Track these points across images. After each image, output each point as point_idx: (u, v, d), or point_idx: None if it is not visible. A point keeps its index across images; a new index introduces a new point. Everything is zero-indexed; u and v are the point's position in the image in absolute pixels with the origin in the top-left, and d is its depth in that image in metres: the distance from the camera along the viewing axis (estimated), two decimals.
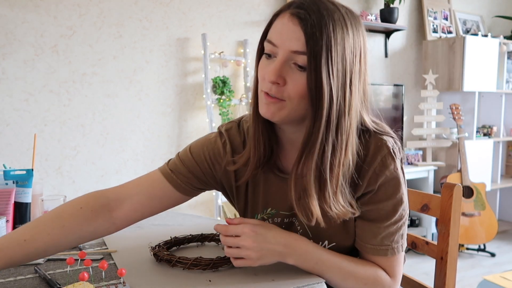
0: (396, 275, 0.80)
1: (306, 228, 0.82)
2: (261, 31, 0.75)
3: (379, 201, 0.76)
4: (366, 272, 0.78)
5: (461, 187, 0.96)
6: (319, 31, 0.65)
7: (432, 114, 3.04)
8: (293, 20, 0.67)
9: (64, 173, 2.26)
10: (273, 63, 0.69)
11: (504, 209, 3.74)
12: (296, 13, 0.67)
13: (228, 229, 0.75)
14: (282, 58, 0.68)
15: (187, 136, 2.56)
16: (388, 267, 0.79)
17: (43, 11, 2.15)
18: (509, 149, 3.75)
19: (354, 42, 0.69)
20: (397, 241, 0.78)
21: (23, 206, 0.99)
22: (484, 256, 2.95)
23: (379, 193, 0.76)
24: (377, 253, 0.78)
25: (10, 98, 2.11)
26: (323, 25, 0.65)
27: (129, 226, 0.83)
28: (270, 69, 0.69)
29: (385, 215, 0.76)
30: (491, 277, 2.55)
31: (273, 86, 0.69)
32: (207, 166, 0.84)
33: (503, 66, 3.41)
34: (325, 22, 0.65)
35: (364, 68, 0.72)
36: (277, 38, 0.69)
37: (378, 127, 0.78)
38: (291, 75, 0.69)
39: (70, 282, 0.73)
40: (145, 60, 2.41)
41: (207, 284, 0.72)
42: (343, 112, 0.69)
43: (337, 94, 0.68)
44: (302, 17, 0.66)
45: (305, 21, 0.65)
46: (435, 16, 3.39)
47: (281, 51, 0.68)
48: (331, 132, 0.68)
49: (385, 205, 0.76)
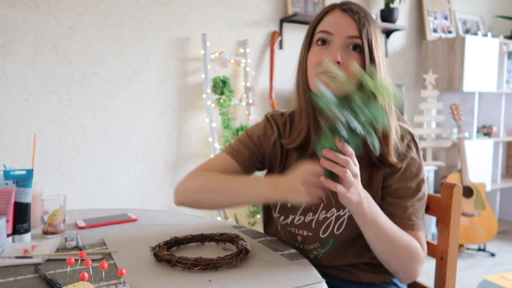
0: (425, 249, 0.91)
1: (331, 197, 0.92)
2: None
3: (406, 180, 0.89)
4: (408, 237, 0.87)
5: (461, 187, 0.96)
6: (367, 21, 0.85)
7: (432, 114, 3.04)
8: (345, 14, 0.85)
9: (64, 173, 2.26)
10: (329, 49, 0.85)
11: (504, 209, 3.74)
12: (347, 8, 0.86)
13: (350, 162, 0.75)
14: (339, 43, 0.84)
15: (187, 136, 2.56)
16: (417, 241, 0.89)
17: (43, 11, 2.15)
18: (509, 149, 3.75)
19: (382, 38, 0.89)
20: (421, 219, 0.90)
21: (23, 206, 0.99)
22: (484, 256, 2.95)
23: (406, 173, 0.89)
24: (407, 227, 0.88)
25: (10, 98, 2.11)
26: (368, 18, 0.86)
27: None
28: (332, 51, 0.84)
29: (412, 193, 0.89)
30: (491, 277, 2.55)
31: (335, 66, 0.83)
32: (259, 142, 1.00)
33: (503, 66, 3.41)
34: (368, 17, 0.86)
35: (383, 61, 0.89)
36: (333, 28, 0.85)
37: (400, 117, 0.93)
38: (348, 56, 0.84)
39: (70, 282, 0.73)
40: (145, 60, 2.41)
41: (207, 284, 0.72)
42: None
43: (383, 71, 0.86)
44: (354, 11, 0.85)
45: (356, 14, 0.85)
46: (435, 16, 3.39)
47: (337, 38, 0.85)
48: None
49: (411, 183, 0.89)
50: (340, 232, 0.91)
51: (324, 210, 0.92)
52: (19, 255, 0.87)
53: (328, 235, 0.92)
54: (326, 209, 0.92)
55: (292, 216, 0.96)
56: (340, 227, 0.90)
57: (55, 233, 1.02)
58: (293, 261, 0.84)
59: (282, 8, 2.78)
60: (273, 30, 2.75)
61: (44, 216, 1.01)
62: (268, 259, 0.84)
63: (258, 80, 2.75)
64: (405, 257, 0.87)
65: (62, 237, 1.00)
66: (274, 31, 2.74)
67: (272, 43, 2.72)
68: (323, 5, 2.89)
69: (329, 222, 0.91)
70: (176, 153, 2.53)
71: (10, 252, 0.89)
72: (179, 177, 2.54)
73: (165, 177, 2.51)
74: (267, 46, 2.75)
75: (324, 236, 0.92)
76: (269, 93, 2.72)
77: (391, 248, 0.85)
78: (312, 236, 0.93)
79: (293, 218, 0.96)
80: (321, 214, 0.92)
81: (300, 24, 2.83)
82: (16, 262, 0.83)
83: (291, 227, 0.96)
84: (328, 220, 0.91)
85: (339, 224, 0.91)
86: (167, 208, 2.53)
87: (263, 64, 2.75)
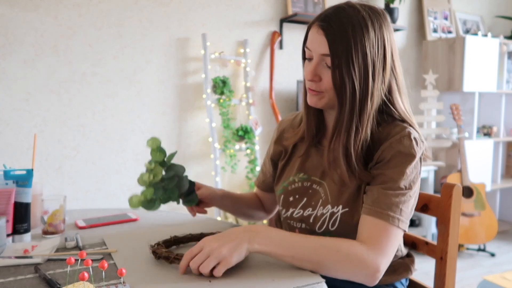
0: (381, 246, 0.80)
1: (328, 194, 0.93)
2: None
3: (387, 168, 0.85)
4: (335, 241, 0.80)
5: (461, 187, 0.96)
6: (339, 37, 0.82)
7: (432, 114, 3.04)
8: (319, 31, 0.85)
9: (64, 173, 2.26)
10: (310, 64, 0.88)
11: (504, 209, 3.74)
12: (320, 25, 0.85)
13: (190, 251, 0.77)
14: (316, 60, 0.87)
15: (187, 136, 2.56)
16: (375, 233, 0.81)
17: (43, 11, 2.15)
18: (509, 149, 3.75)
19: (376, 37, 0.84)
20: (393, 211, 0.82)
21: (23, 206, 0.99)
22: (484, 256, 2.95)
23: (389, 163, 0.86)
24: (372, 214, 0.83)
25: (10, 98, 2.11)
26: (343, 32, 0.82)
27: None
28: (308, 69, 0.88)
29: (388, 181, 0.84)
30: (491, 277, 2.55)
31: (312, 83, 0.88)
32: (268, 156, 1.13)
33: (503, 66, 3.41)
34: (344, 28, 0.82)
35: (389, 56, 0.87)
36: (311, 45, 0.87)
37: (407, 115, 0.90)
38: (324, 73, 0.87)
39: (70, 282, 0.73)
40: (145, 60, 2.41)
41: (207, 284, 0.72)
42: (366, 98, 0.84)
43: (360, 85, 0.83)
44: (325, 28, 0.84)
45: (327, 31, 0.83)
46: (435, 16, 3.39)
47: (314, 54, 0.87)
48: (355, 116, 0.85)
49: (391, 173, 0.85)
50: (335, 229, 0.91)
51: (322, 206, 0.94)
52: (19, 255, 0.87)
53: (324, 231, 0.92)
54: (323, 205, 0.93)
55: (292, 209, 0.98)
56: (334, 224, 0.91)
57: (55, 233, 1.02)
58: None
59: (282, 8, 2.78)
60: (273, 30, 2.75)
61: (44, 216, 1.01)
62: (268, 259, 0.84)
63: (258, 80, 2.75)
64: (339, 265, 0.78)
65: (62, 237, 1.00)
66: (274, 31, 2.74)
67: (272, 43, 2.72)
68: (323, 5, 2.89)
69: (324, 218, 0.92)
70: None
71: (10, 252, 0.89)
72: None
73: None
74: (267, 46, 2.75)
75: (320, 232, 0.93)
76: (269, 93, 2.72)
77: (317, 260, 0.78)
78: (309, 230, 0.95)
79: (292, 211, 0.98)
80: (319, 210, 0.94)
81: (300, 24, 2.83)
82: (16, 262, 0.83)
83: (291, 220, 0.99)
84: (323, 216, 0.93)
85: (333, 221, 0.91)
86: (167, 208, 2.53)
87: (263, 64, 2.75)
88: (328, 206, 0.92)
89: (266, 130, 2.78)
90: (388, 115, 0.90)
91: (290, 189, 1.00)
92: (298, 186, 0.99)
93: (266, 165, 1.14)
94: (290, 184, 1.00)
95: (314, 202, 0.95)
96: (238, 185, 2.72)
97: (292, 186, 1.00)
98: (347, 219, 0.90)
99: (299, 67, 2.83)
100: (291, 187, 1.00)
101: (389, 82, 0.88)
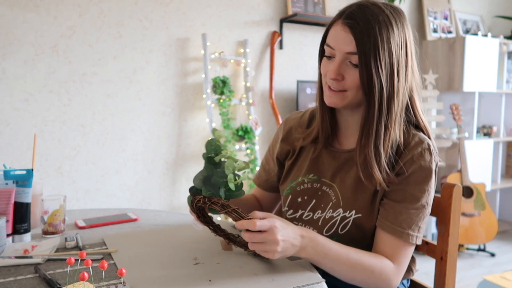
0: (401, 263, 0.86)
1: (339, 197, 0.92)
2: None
3: (408, 184, 0.85)
4: (372, 260, 0.83)
5: (461, 187, 0.96)
6: (366, 35, 0.81)
7: (432, 114, 3.04)
8: (344, 28, 0.83)
9: (64, 173, 2.26)
10: (332, 63, 0.86)
11: (504, 209, 3.74)
12: (346, 23, 0.83)
13: (258, 224, 0.73)
14: (339, 59, 0.85)
15: (187, 136, 2.56)
16: (396, 251, 0.85)
17: (43, 11, 2.15)
18: (509, 149, 3.75)
19: (399, 36, 0.84)
20: (413, 230, 0.85)
21: (23, 206, 0.99)
22: (484, 256, 2.95)
23: (410, 178, 0.85)
24: (393, 233, 0.85)
25: (10, 98, 2.11)
26: (370, 29, 0.81)
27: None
28: (331, 68, 0.86)
29: (410, 199, 0.85)
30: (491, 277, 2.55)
31: (334, 82, 0.86)
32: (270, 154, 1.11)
33: (503, 66, 3.41)
34: (371, 26, 0.81)
35: (410, 55, 0.87)
36: (334, 43, 0.85)
37: (424, 120, 0.92)
38: (348, 71, 0.85)
39: (70, 282, 0.73)
40: (145, 60, 2.41)
41: (207, 284, 0.72)
42: (393, 96, 0.84)
43: (386, 83, 0.83)
44: (352, 26, 0.82)
45: (354, 29, 0.82)
46: (435, 16, 3.39)
47: (337, 53, 0.85)
48: (383, 115, 0.84)
49: (412, 189, 0.85)
50: (344, 232, 0.91)
51: (331, 209, 0.93)
52: (19, 255, 0.87)
53: (332, 234, 0.92)
54: (334, 209, 0.92)
55: (302, 211, 0.97)
56: (345, 228, 0.91)
57: (55, 233, 1.02)
58: (293, 261, 0.84)
59: (282, 8, 2.78)
60: (273, 30, 2.75)
61: (44, 216, 1.01)
62: (268, 259, 0.84)
63: (258, 80, 2.75)
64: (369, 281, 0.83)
65: (62, 237, 1.00)
66: (274, 31, 2.74)
67: (272, 43, 2.72)
68: (323, 5, 2.89)
69: (334, 221, 0.92)
70: (176, 153, 2.54)
71: (10, 252, 0.89)
72: (179, 177, 2.54)
73: (165, 177, 2.51)
74: (267, 46, 2.75)
75: (328, 235, 0.92)
76: (269, 93, 2.72)
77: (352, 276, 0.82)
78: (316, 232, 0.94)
79: (302, 213, 0.97)
80: (328, 213, 0.93)
81: (300, 24, 2.83)
82: (16, 262, 0.83)
83: (299, 222, 0.97)
84: (333, 219, 0.92)
85: (343, 225, 0.91)
86: (167, 208, 2.53)
87: (263, 64, 2.75)
88: (340, 210, 0.91)
89: (266, 130, 2.78)
90: (406, 117, 0.90)
91: (298, 189, 0.98)
92: (308, 187, 0.97)
93: (269, 164, 1.10)
94: (299, 184, 0.99)
95: (323, 204, 0.94)
96: None
97: (301, 187, 0.98)
98: (359, 224, 0.89)
99: (299, 67, 2.83)
100: (300, 187, 0.98)
101: (411, 81, 0.89)
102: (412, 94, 0.90)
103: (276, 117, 2.70)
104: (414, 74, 0.90)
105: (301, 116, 1.08)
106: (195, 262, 0.83)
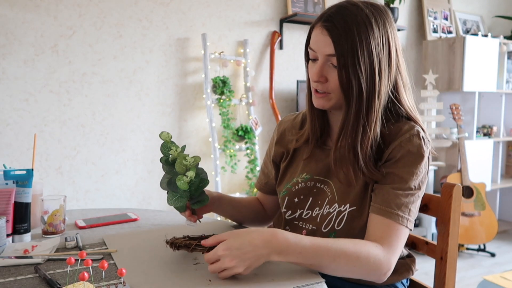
0: (392, 246, 0.82)
1: (334, 193, 0.93)
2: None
3: (396, 167, 0.86)
4: (355, 246, 0.79)
5: (461, 187, 0.96)
6: (344, 37, 0.81)
7: (432, 114, 3.04)
8: (323, 31, 0.84)
9: (64, 173, 2.26)
10: (315, 65, 0.87)
11: (504, 209, 3.74)
12: (324, 26, 0.84)
13: (207, 258, 0.75)
14: (321, 61, 0.86)
15: (187, 136, 2.56)
16: (386, 233, 0.83)
17: (43, 11, 2.15)
18: (509, 149, 3.75)
19: (381, 35, 0.84)
20: (403, 211, 0.84)
21: (23, 206, 0.99)
22: (484, 256, 2.95)
23: (399, 162, 0.86)
24: (383, 214, 0.84)
25: (10, 98, 2.11)
26: (347, 31, 0.81)
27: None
28: (313, 71, 0.87)
29: (398, 181, 0.85)
30: (491, 277, 2.55)
31: (318, 84, 0.87)
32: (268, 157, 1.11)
33: (503, 66, 3.41)
34: (349, 27, 0.81)
35: (394, 53, 0.86)
36: (315, 46, 0.86)
37: (413, 112, 0.91)
38: (330, 73, 0.86)
39: (70, 282, 0.73)
40: (145, 60, 2.41)
41: (207, 284, 0.72)
42: (373, 97, 0.84)
43: (366, 84, 0.83)
44: (329, 28, 0.83)
45: (331, 31, 0.82)
46: (435, 16, 3.39)
47: (319, 55, 0.86)
48: (362, 115, 0.84)
49: (401, 172, 0.85)
50: (340, 228, 0.91)
51: (328, 204, 0.93)
52: (19, 255, 0.87)
53: (329, 230, 0.92)
54: (330, 204, 0.93)
55: (300, 211, 0.98)
56: (340, 223, 0.91)
57: (55, 233, 1.02)
58: None
59: (282, 8, 2.78)
60: (273, 30, 2.75)
61: (44, 216, 1.01)
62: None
63: (258, 80, 2.75)
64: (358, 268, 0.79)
65: (62, 237, 1.00)
66: (274, 31, 2.74)
67: (272, 43, 2.72)
68: (323, 5, 2.89)
69: (331, 217, 0.92)
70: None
71: (10, 252, 0.89)
72: None
73: None
74: (267, 46, 2.75)
75: (326, 231, 0.92)
76: (269, 93, 2.72)
77: (335, 267, 0.78)
78: (316, 230, 0.94)
79: (301, 213, 0.97)
80: (325, 209, 0.93)
81: (300, 24, 2.83)
82: (16, 262, 0.83)
83: (299, 221, 0.98)
84: (330, 215, 0.92)
85: (339, 220, 0.91)
86: (167, 208, 2.53)
87: (263, 64, 2.75)
88: (335, 205, 0.92)
89: (266, 130, 2.78)
90: (395, 112, 0.90)
91: (294, 190, 0.99)
92: (302, 187, 0.98)
93: (268, 167, 1.11)
94: (294, 185, 0.99)
95: (320, 201, 0.95)
96: (238, 185, 2.72)
97: (295, 187, 0.99)
98: (354, 217, 0.89)
99: (299, 67, 2.83)
100: (295, 188, 0.99)
101: (395, 78, 0.88)
102: (398, 91, 0.89)
103: (276, 117, 2.70)
104: (401, 70, 0.89)
105: (294, 118, 1.09)
106: (195, 262, 0.83)
